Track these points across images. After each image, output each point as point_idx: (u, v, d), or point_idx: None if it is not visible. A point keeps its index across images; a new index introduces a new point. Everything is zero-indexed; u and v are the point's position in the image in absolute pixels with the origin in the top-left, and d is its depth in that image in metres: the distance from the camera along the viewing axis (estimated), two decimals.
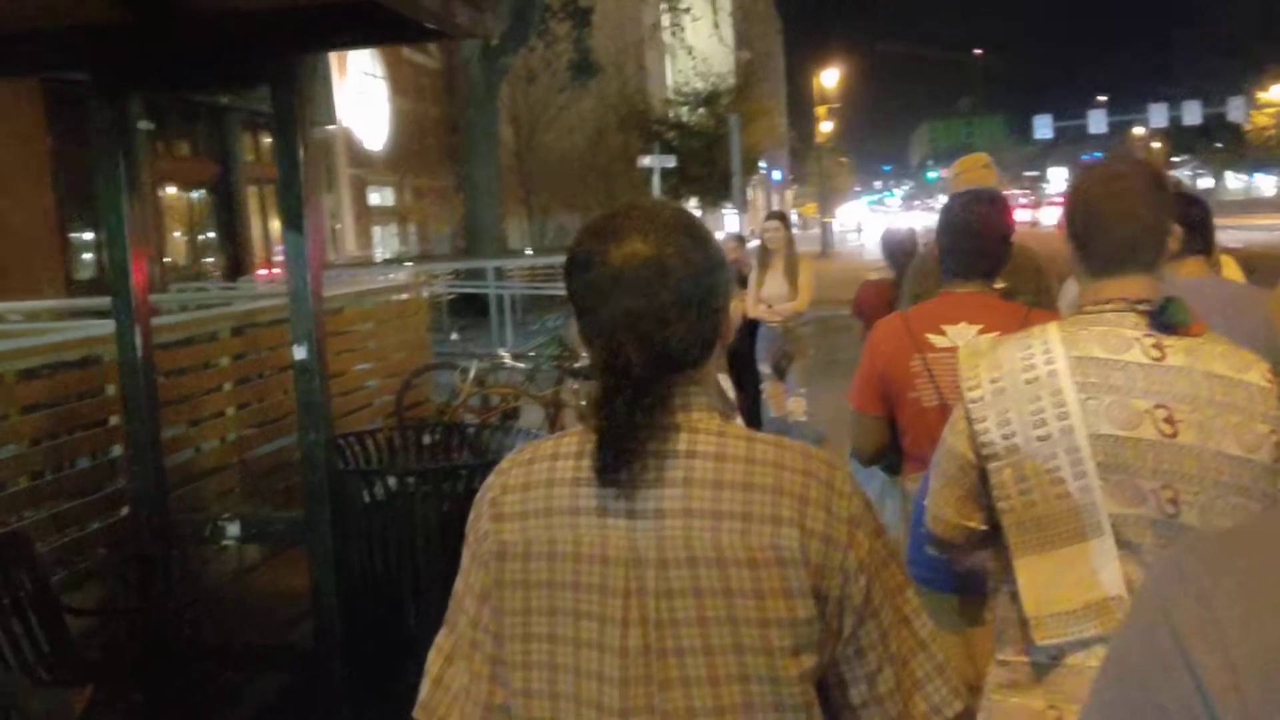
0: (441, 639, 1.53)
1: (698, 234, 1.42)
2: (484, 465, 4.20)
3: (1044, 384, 1.92)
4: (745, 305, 7.69)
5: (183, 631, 3.78)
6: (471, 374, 7.69)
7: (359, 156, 36.70)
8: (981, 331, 2.78)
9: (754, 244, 8.59)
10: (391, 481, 4.00)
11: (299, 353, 3.64)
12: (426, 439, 4.84)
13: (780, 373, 7.98)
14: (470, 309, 17.42)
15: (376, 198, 39.14)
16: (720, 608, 1.33)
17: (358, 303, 9.19)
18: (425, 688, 1.52)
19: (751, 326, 7.83)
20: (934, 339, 2.87)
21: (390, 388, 8.77)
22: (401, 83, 39.52)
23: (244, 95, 13.90)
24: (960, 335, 2.81)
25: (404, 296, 10.20)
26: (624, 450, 1.34)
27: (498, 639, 1.44)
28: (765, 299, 7.78)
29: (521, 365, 8.44)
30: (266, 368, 7.03)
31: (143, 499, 3.81)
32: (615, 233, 1.39)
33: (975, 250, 2.93)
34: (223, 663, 3.93)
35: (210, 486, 5.75)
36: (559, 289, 15.70)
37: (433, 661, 1.53)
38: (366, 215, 37.74)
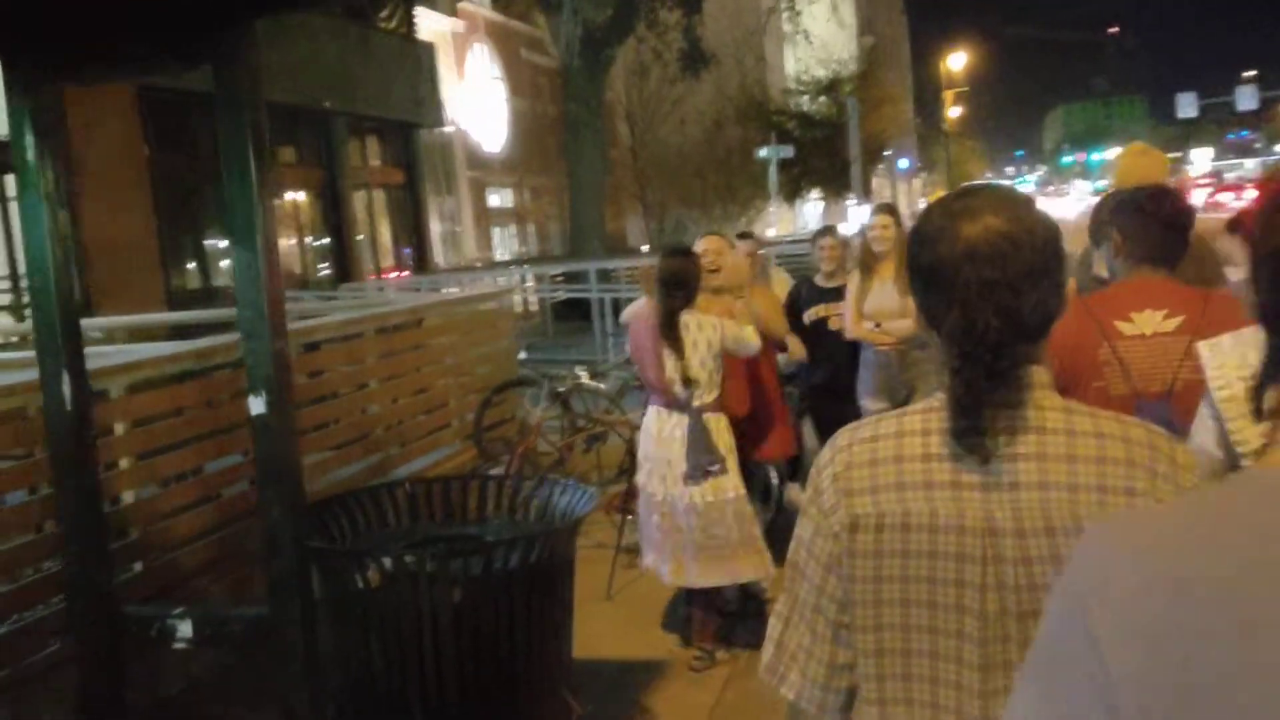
0: (780, 605, 1.63)
1: (1039, 212, 1.50)
2: (503, 543, 3.33)
3: None
4: (847, 323, 6.09)
5: None
6: (543, 398, 6.83)
7: (477, 158, 36.47)
8: (1166, 317, 2.85)
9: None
10: (387, 561, 3.16)
11: (256, 405, 2.83)
12: (458, 492, 3.99)
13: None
14: (576, 313, 16.67)
15: (495, 199, 38.89)
16: None
17: (437, 313, 8.48)
18: (768, 650, 1.64)
19: (853, 351, 6.12)
20: (1122, 326, 2.87)
21: (473, 405, 8.03)
22: (519, 83, 39.20)
23: (182, 78, 12.63)
24: (1147, 322, 2.86)
25: (491, 306, 9.49)
26: (981, 413, 1.42)
27: (843, 605, 1.53)
28: (871, 315, 5.98)
29: (602, 386, 7.55)
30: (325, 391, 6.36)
31: (80, 587, 3.05)
32: (967, 210, 1.48)
33: (1170, 240, 3.00)
34: None
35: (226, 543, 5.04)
36: None
37: (773, 626, 1.64)
38: (486, 217, 37.52)
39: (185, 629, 2.97)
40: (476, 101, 36.54)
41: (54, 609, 4.34)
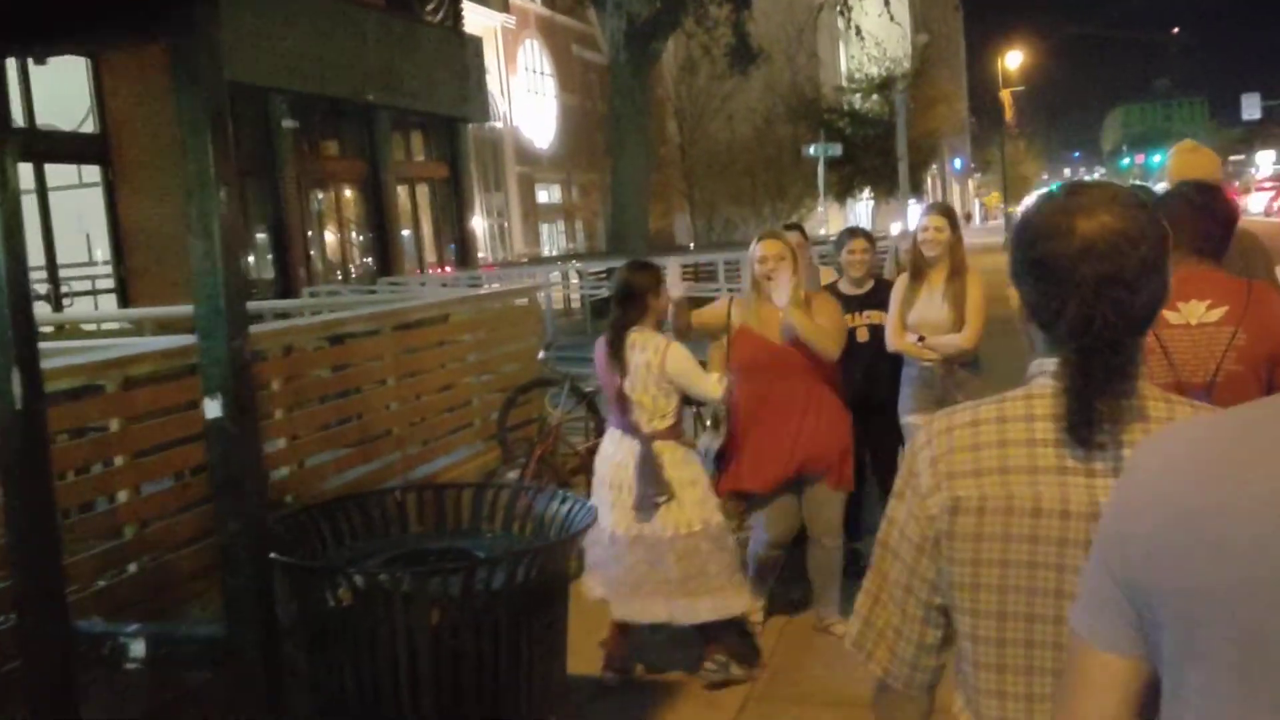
0: (868, 583, 1.66)
1: (1147, 208, 1.53)
2: (486, 562, 3.08)
3: None
4: (888, 333, 5.41)
5: None
6: (563, 398, 6.57)
7: (526, 154, 36.40)
8: (1210, 308, 2.89)
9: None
10: (358, 578, 2.92)
11: (211, 409, 2.59)
12: (453, 501, 3.75)
13: None
14: None
15: (544, 195, 38.81)
16: None
17: (464, 308, 8.26)
18: (855, 626, 1.67)
19: (894, 366, 5.47)
20: (1168, 315, 2.87)
21: (497, 405, 7.78)
22: (569, 79, 39.11)
23: (135, 50, 11.68)
24: (1192, 312, 2.89)
25: (521, 302, 9.27)
26: (1094, 404, 1.45)
27: (934, 586, 1.56)
28: (915, 327, 5.33)
29: None
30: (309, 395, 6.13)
31: (29, 601, 2.84)
32: (1082, 207, 1.50)
33: (1216, 231, 3.04)
34: None
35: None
36: (711, 294, 14.41)
37: (861, 603, 1.67)
38: (534, 213, 37.46)
39: (138, 649, 2.74)
40: (526, 97, 36.48)
41: None
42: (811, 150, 22.79)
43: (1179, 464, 1.13)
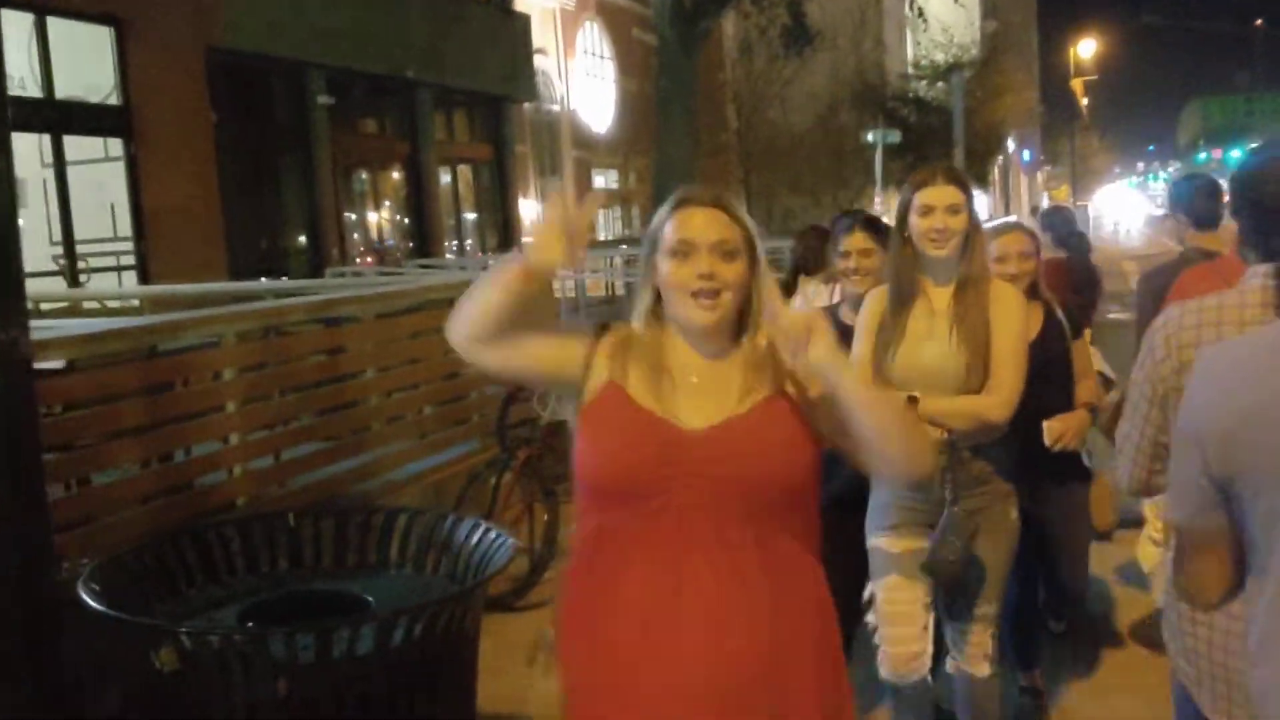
0: (1122, 423, 2.24)
1: None
2: (345, 621, 2.46)
3: None
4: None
5: None
6: (553, 398, 5.92)
7: (584, 138, 35.86)
8: None
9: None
10: (185, 638, 2.30)
11: None
12: (358, 529, 3.13)
13: (944, 577, 3.16)
14: None
15: (600, 180, 38.26)
16: None
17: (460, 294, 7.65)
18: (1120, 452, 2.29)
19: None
20: None
21: (499, 399, 7.17)
22: (629, 63, 38.42)
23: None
24: None
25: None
26: None
27: (1160, 428, 2.11)
28: (901, 379, 3.15)
29: None
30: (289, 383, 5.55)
31: None
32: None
33: None
34: None
35: None
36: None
37: (1118, 433, 2.25)
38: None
39: None
40: (585, 80, 35.90)
41: None
42: (869, 137, 21.98)
43: (1242, 366, 1.68)
